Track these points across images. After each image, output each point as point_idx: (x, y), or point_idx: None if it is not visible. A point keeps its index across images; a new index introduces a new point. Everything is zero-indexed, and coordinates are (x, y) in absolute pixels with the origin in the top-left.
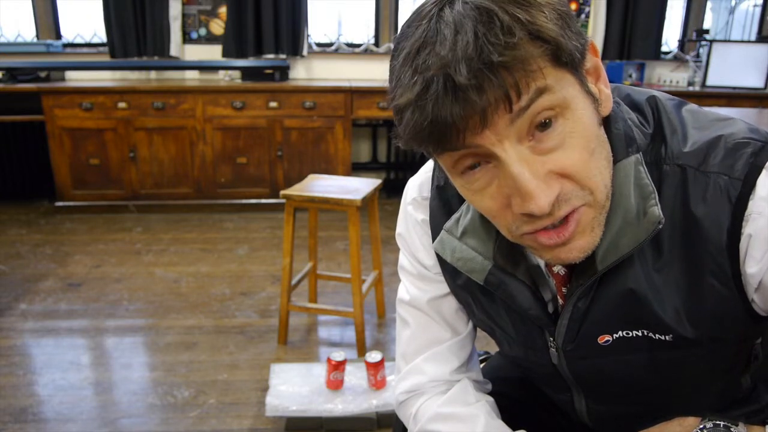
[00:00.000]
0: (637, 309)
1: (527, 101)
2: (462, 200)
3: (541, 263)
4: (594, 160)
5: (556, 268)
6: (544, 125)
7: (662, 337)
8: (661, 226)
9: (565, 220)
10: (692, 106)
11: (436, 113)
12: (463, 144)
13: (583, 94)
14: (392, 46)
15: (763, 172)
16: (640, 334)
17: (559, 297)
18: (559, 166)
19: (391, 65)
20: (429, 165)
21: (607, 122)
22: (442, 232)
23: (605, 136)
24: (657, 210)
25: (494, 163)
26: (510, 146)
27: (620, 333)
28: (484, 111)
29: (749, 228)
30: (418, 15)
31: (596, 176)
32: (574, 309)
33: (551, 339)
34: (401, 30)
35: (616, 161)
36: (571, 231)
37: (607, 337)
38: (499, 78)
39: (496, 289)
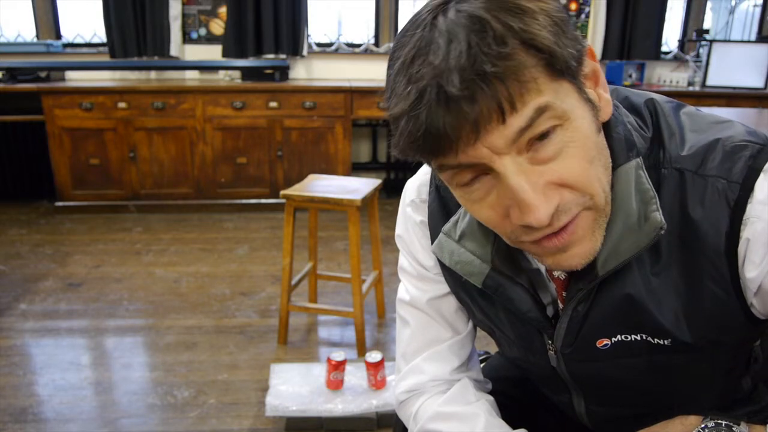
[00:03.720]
0: (636, 313)
1: (527, 120)
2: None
3: (542, 267)
4: (593, 168)
5: (556, 273)
6: (543, 136)
7: (661, 342)
8: (663, 232)
9: (564, 227)
10: (690, 108)
11: (429, 123)
12: (456, 155)
13: (582, 102)
14: (392, 46)
15: (761, 175)
16: (638, 338)
17: (559, 301)
18: (558, 177)
19: (387, 74)
20: (428, 166)
21: (607, 127)
22: (441, 235)
23: (605, 142)
24: (659, 215)
25: (493, 174)
26: (509, 160)
27: (619, 337)
28: (477, 122)
29: (747, 232)
30: (413, 23)
31: (595, 183)
32: (573, 313)
33: (550, 342)
34: (397, 38)
35: (616, 166)
36: (571, 234)
37: (606, 341)
38: (492, 89)
39: (494, 292)
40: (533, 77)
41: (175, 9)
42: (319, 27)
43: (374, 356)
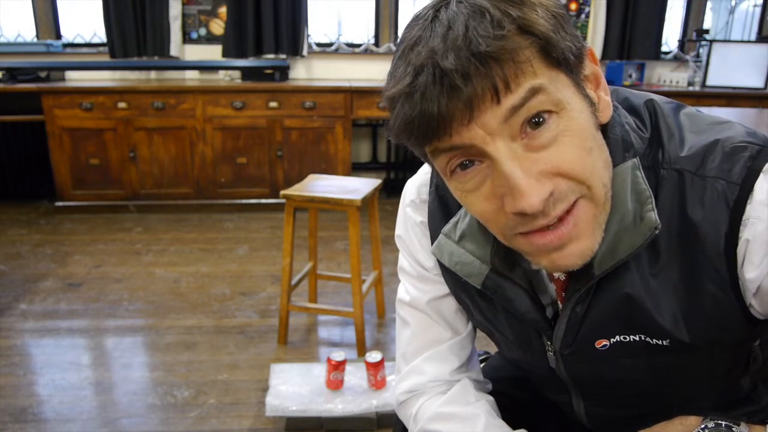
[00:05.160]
0: (634, 314)
1: (520, 99)
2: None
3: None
4: (590, 159)
5: (556, 274)
6: (537, 123)
7: (659, 342)
8: (657, 232)
9: (561, 219)
10: (690, 109)
11: (424, 104)
12: (450, 137)
13: (579, 97)
14: (392, 46)
15: (761, 176)
16: (637, 338)
17: (559, 302)
18: (552, 165)
19: (390, 66)
20: (428, 166)
21: (604, 127)
22: (440, 236)
23: (603, 140)
24: (653, 215)
25: (487, 162)
26: (503, 144)
27: (617, 338)
28: (470, 101)
29: (747, 233)
30: (416, 18)
31: (593, 174)
32: (571, 314)
33: (548, 343)
34: (401, 35)
35: (613, 166)
36: (569, 230)
37: (605, 342)
38: (487, 68)
39: (494, 293)
40: (528, 59)
41: (175, 9)
42: (319, 27)
43: (374, 356)
